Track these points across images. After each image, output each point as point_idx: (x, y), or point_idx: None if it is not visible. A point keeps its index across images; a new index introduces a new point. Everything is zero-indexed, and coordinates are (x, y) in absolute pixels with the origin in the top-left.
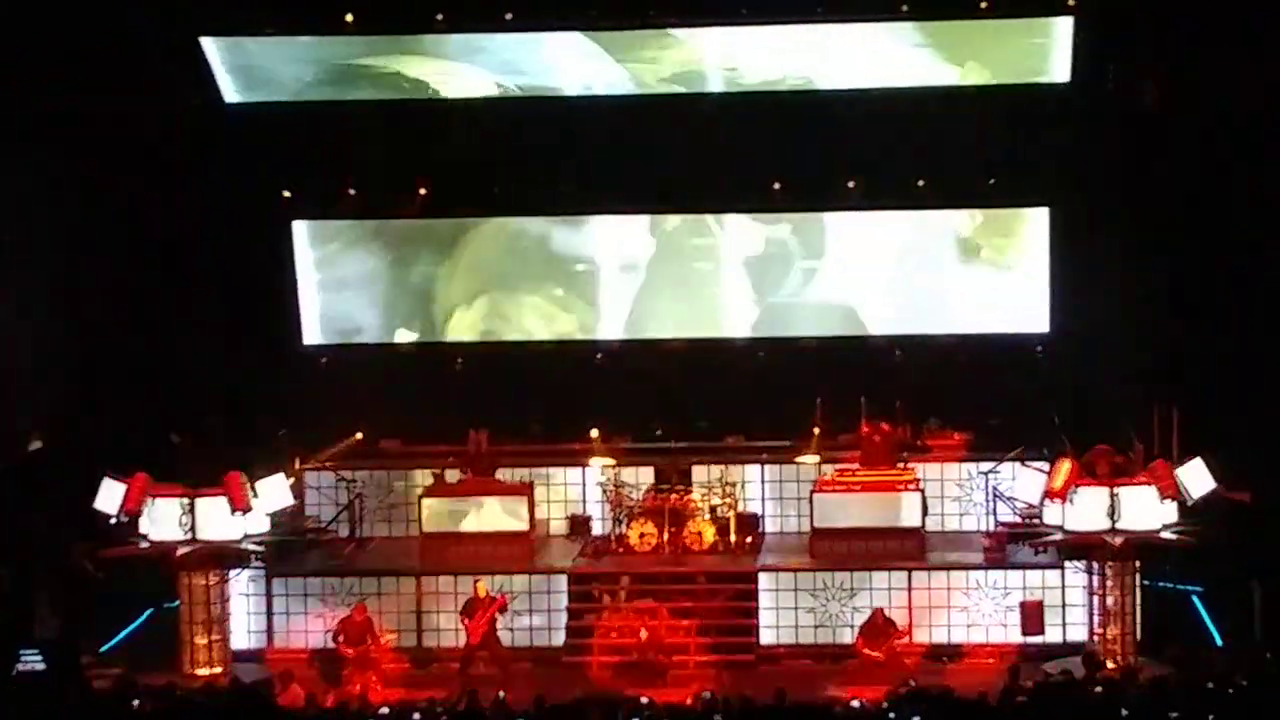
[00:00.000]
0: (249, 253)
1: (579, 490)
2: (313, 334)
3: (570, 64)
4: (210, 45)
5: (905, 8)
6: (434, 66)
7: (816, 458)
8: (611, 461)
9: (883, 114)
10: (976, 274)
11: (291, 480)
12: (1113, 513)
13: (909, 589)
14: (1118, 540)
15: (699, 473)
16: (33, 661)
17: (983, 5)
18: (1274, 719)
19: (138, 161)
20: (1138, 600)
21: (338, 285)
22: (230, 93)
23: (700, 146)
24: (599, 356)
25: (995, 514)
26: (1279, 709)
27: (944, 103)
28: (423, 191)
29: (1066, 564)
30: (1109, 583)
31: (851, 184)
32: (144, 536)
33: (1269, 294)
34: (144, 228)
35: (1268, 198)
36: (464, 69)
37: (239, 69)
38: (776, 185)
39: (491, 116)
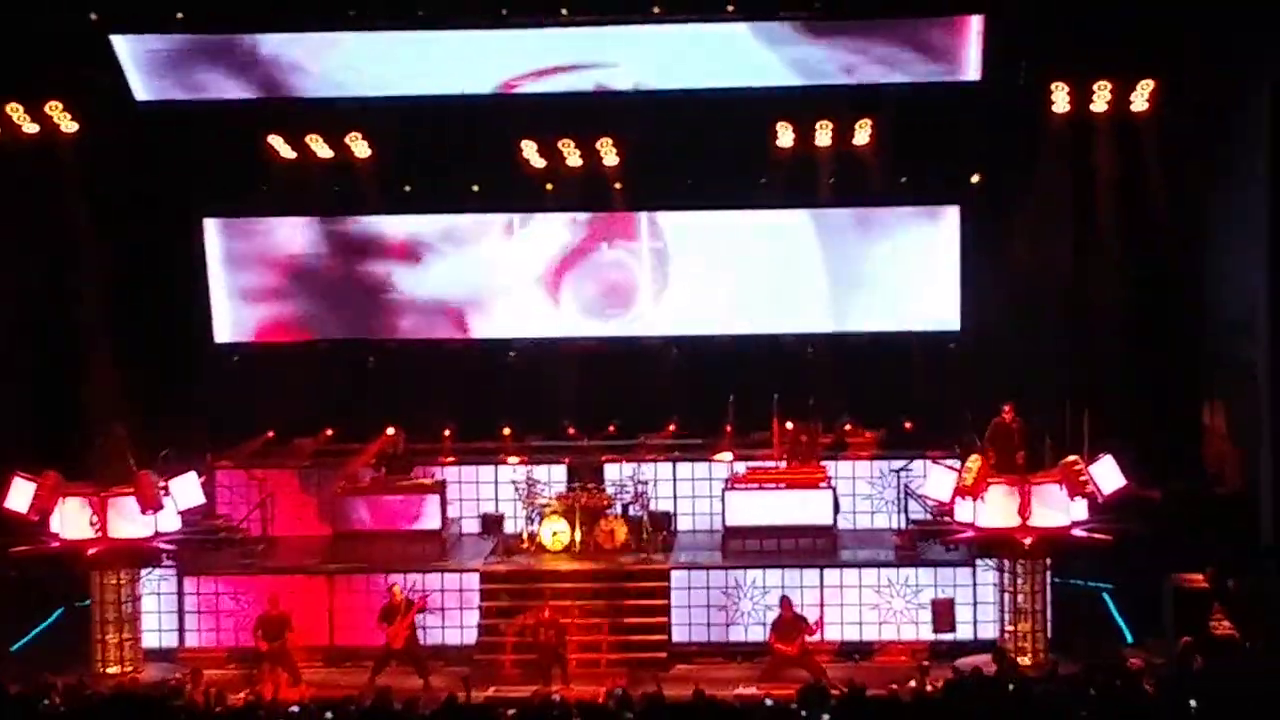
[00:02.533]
0: (160, 250)
1: (491, 489)
2: (224, 331)
3: (479, 61)
4: (121, 42)
5: (818, 5)
6: (344, 62)
7: (730, 455)
8: (518, 460)
9: (796, 113)
10: (889, 272)
11: (203, 479)
12: (1023, 510)
13: (821, 586)
14: (1028, 538)
15: (611, 471)
16: None
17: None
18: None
19: (49, 160)
20: (1048, 598)
21: (248, 283)
22: (140, 90)
23: (626, 146)
24: (512, 354)
25: (907, 512)
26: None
27: (854, 102)
28: (336, 189)
29: (977, 561)
30: (1019, 580)
31: (764, 180)
32: (55, 535)
33: (1180, 292)
34: (53, 225)
35: (1181, 195)
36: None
37: (150, 67)
38: (689, 181)
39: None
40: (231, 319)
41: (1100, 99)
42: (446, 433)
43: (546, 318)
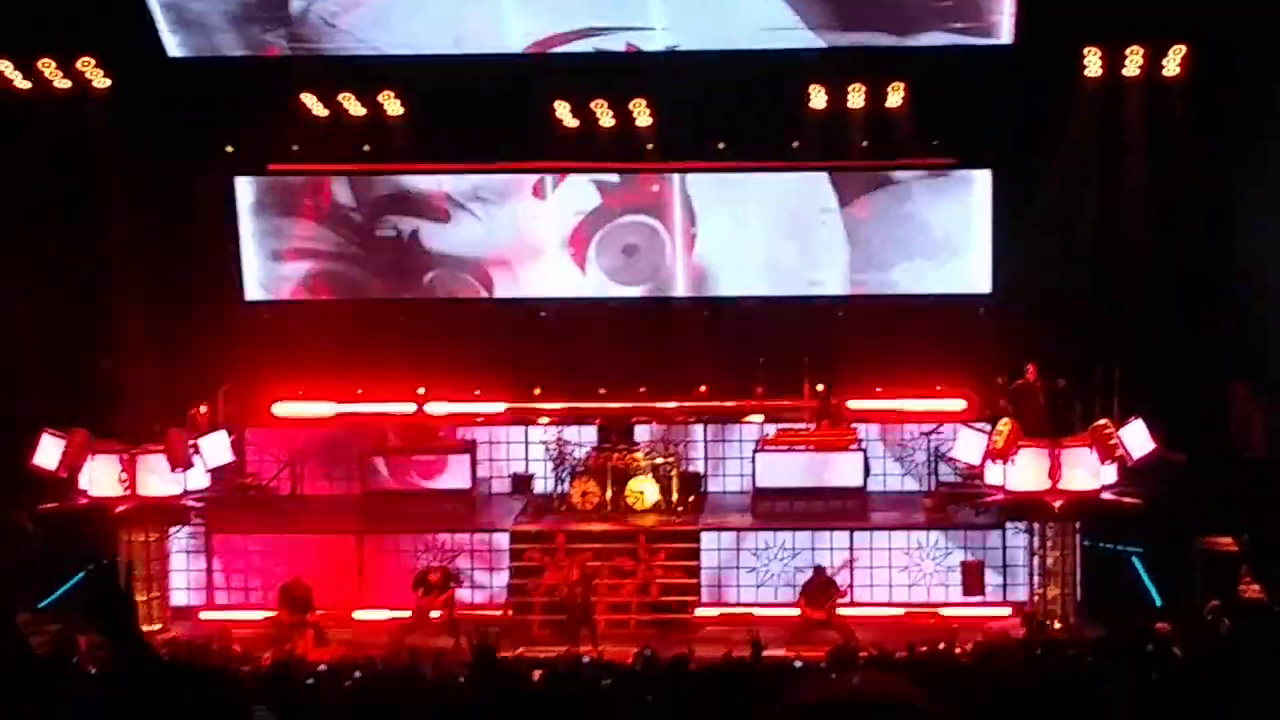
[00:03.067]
0: (191, 208)
1: (521, 449)
2: (254, 289)
3: (512, 19)
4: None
5: None
6: (376, 19)
7: (760, 416)
8: (548, 420)
9: (829, 75)
10: (920, 235)
11: (233, 437)
12: (1053, 474)
13: (850, 549)
14: (1058, 501)
15: (641, 432)
16: None
17: None
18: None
19: (81, 116)
20: (1078, 561)
21: (279, 241)
22: (172, 47)
23: (659, 107)
24: (542, 314)
25: (937, 475)
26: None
27: (887, 63)
28: (366, 148)
29: (1007, 525)
30: (1049, 544)
31: (796, 143)
32: (83, 492)
33: (1210, 257)
34: (84, 181)
35: (1212, 161)
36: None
37: (182, 22)
38: (721, 145)
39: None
40: (262, 277)
41: (1132, 64)
42: (476, 392)
43: (576, 279)
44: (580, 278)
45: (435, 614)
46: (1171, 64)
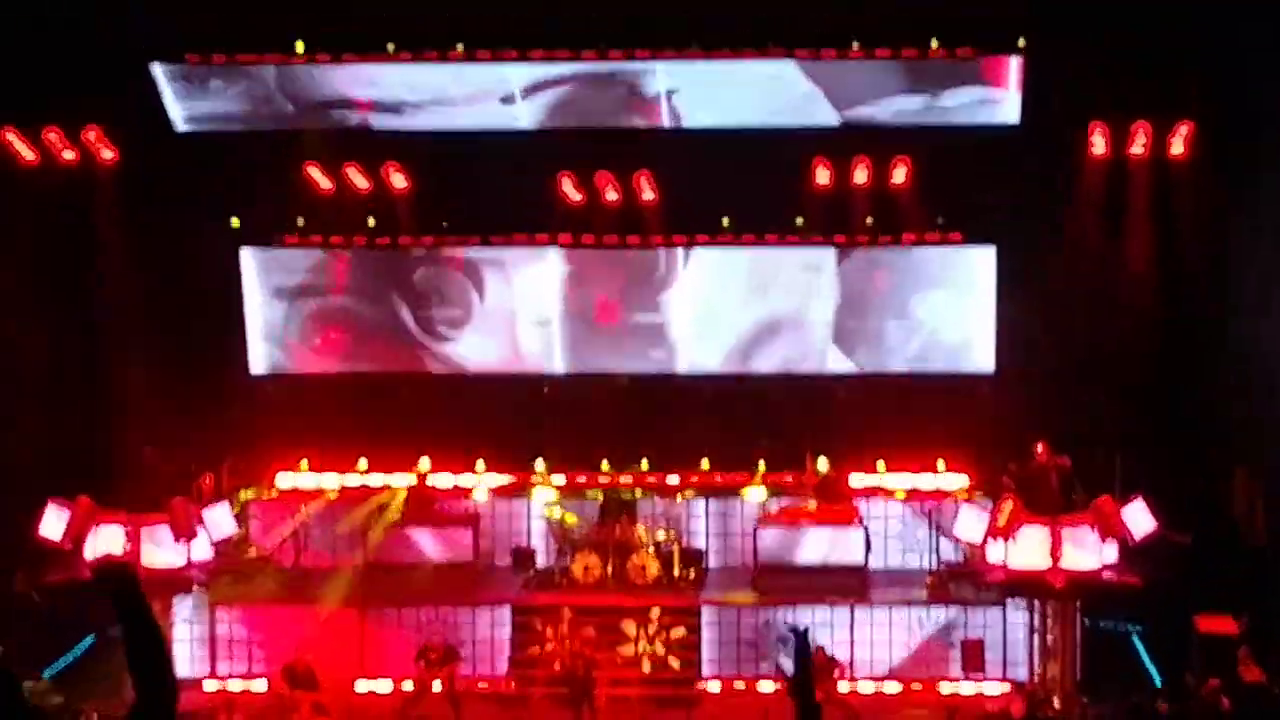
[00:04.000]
0: (197, 279)
1: (524, 521)
2: (259, 363)
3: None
4: (160, 72)
5: (856, 45)
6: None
7: (763, 492)
8: (554, 497)
9: (833, 151)
10: (924, 311)
11: (236, 509)
12: (1055, 552)
13: (851, 625)
14: (1060, 580)
15: (644, 506)
16: None
17: (933, 45)
18: None
19: (87, 187)
20: (1078, 639)
21: (286, 313)
22: (180, 121)
23: (663, 181)
24: (546, 388)
25: (938, 552)
26: None
27: (892, 141)
28: (371, 222)
29: (1008, 602)
30: (1050, 621)
31: (800, 219)
32: (88, 563)
33: (1215, 339)
34: (90, 252)
35: (1218, 242)
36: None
37: (189, 95)
38: (725, 220)
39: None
40: (267, 349)
41: (1138, 142)
42: (480, 464)
43: (581, 352)
44: (586, 350)
45: (437, 686)
46: (1177, 142)
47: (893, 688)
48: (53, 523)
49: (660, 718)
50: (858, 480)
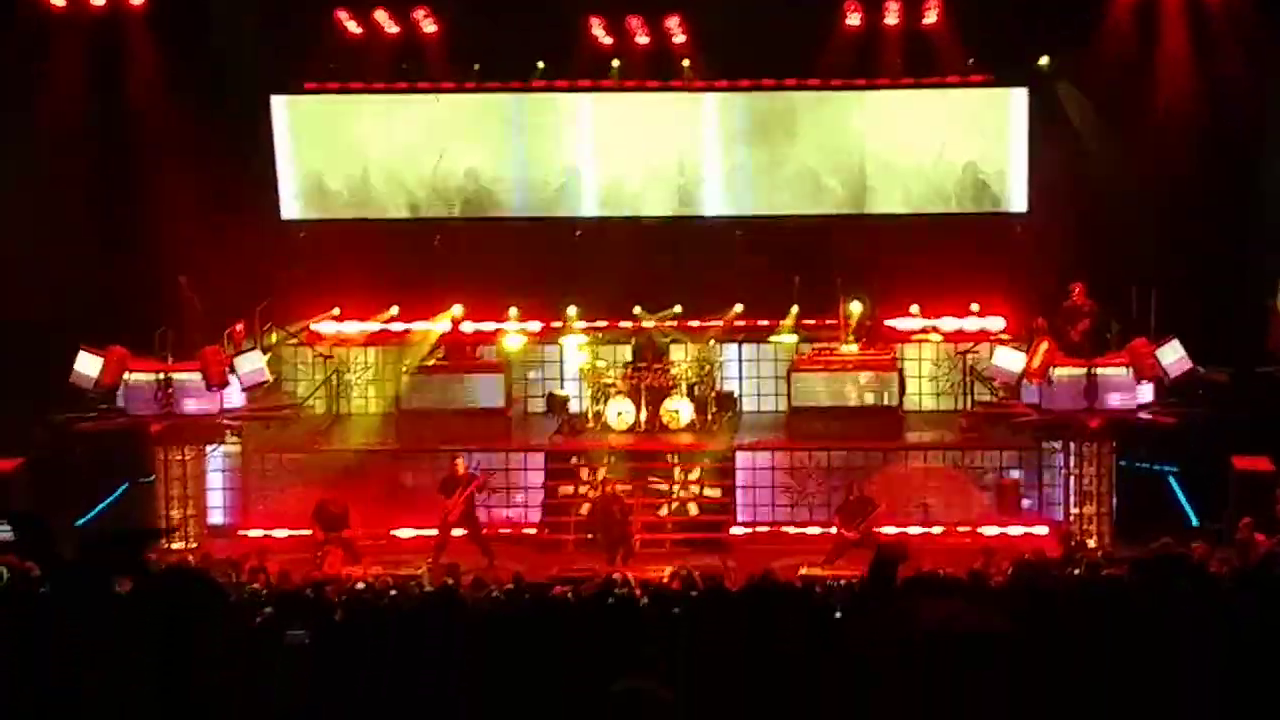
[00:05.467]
0: (227, 126)
1: (556, 368)
2: (290, 207)
3: None
4: None
5: None
6: None
7: (795, 336)
8: (585, 340)
9: None
10: (956, 153)
11: (269, 356)
12: (1090, 393)
13: (885, 468)
14: (1094, 420)
15: (676, 351)
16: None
17: None
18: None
19: (116, 34)
20: (1113, 481)
21: (315, 160)
22: None
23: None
24: (578, 233)
25: (972, 394)
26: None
27: None
28: (404, 66)
29: (1043, 444)
30: (1085, 463)
31: (832, 60)
32: (120, 410)
33: (1250, 174)
34: (120, 99)
35: (1253, 77)
36: None
37: None
38: (757, 62)
39: None
40: (298, 195)
41: None
42: (513, 310)
43: (611, 196)
44: (616, 194)
45: (458, 531)
46: None
47: (925, 530)
48: (85, 369)
49: (694, 561)
50: (892, 323)
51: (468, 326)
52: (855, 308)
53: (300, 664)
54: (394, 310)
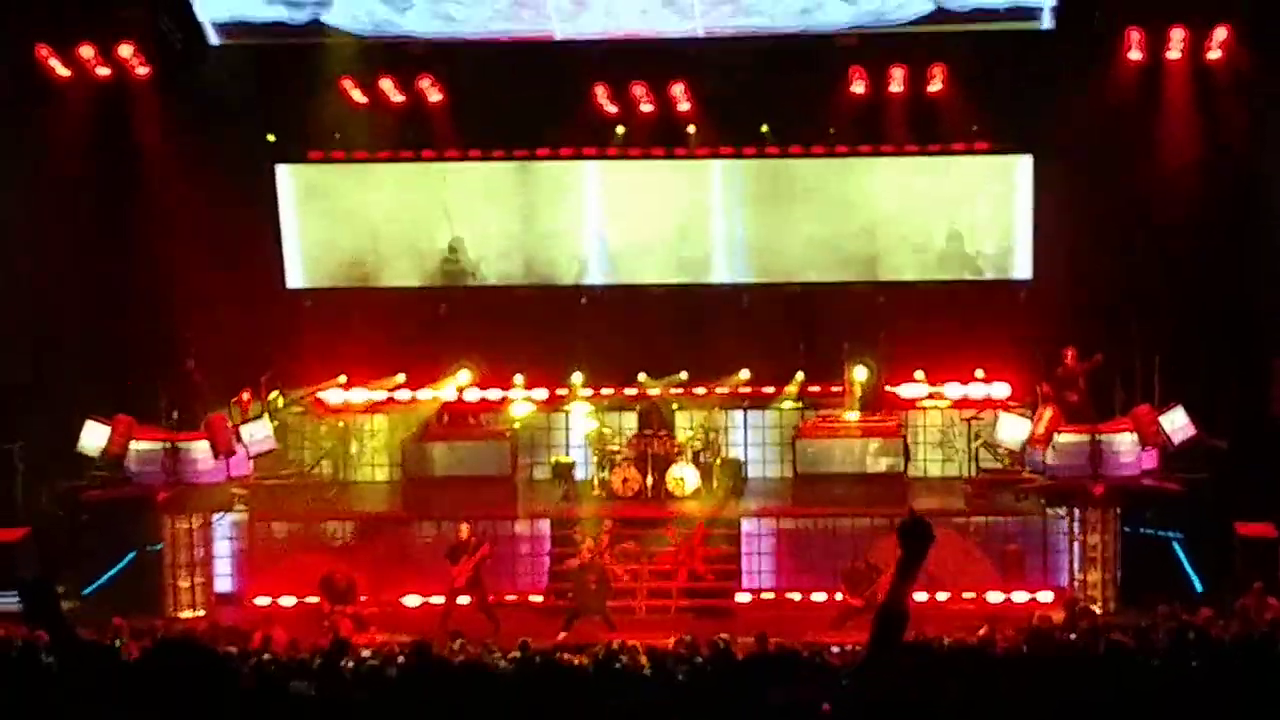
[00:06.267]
0: (232, 196)
1: (562, 435)
2: (296, 277)
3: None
4: None
5: None
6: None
7: (802, 402)
8: (590, 408)
9: (869, 59)
10: (961, 221)
11: (275, 424)
12: (1094, 459)
13: (890, 535)
14: (1099, 486)
15: (682, 418)
16: (8, 602)
17: None
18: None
19: (121, 104)
20: (1118, 547)
21: (321, 228)
22: (214, 35)
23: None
24: (584, 301)
25: (978, 460)
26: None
27: (927, 48)
28: (410, 135)
29: (1048, 510)
30: (1090, 529)
31: (832, 130)
32: (127, 479)
33: (1253, 243)
34: (125, 169)
35: (1253, 145)
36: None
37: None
38: (764, 128)
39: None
40: (303, 263)
41: (1175, 47)
42: (518, 378)
43: (617, 263)
44: (624, 264)
45: (464, 600)
46: (1214, 46)
47: (928, 597)
48: (92, 439)
49: (699, 628)
50: (897, 389)
51: (473, 393)
52: (860, 374)
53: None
54: (400, 378)
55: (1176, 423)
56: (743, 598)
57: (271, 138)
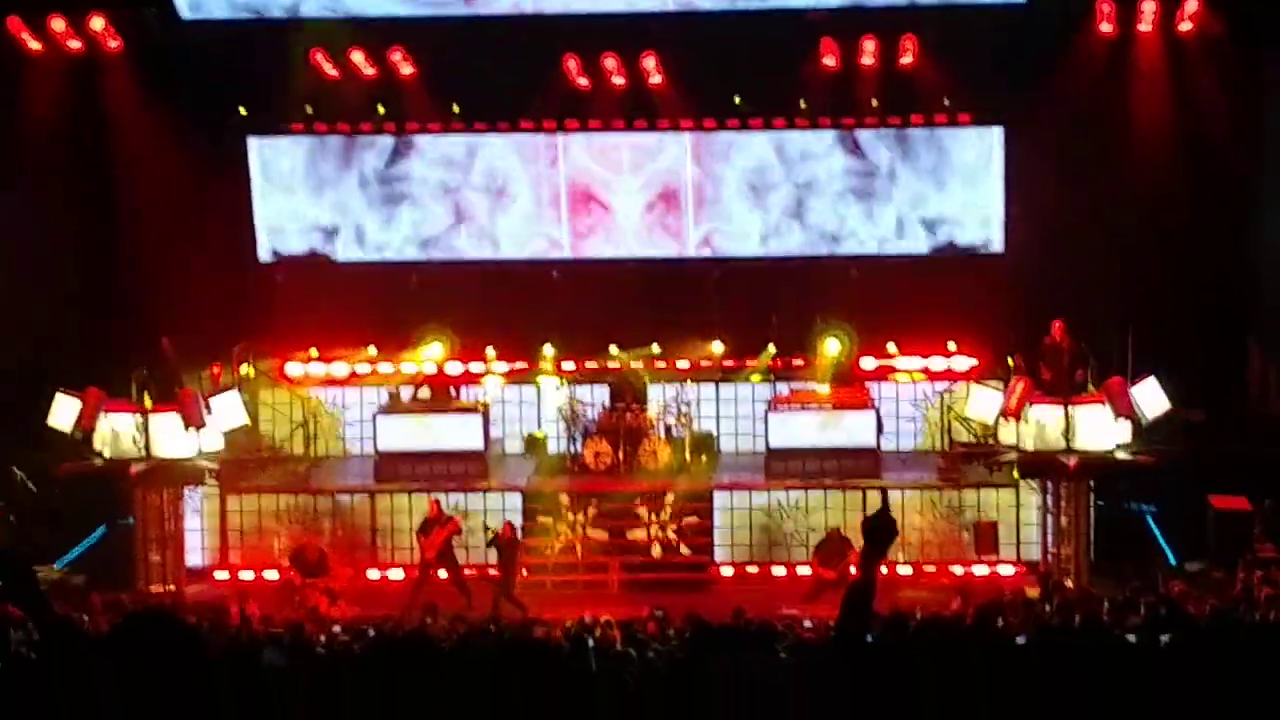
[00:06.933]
0: (204, 168)
1: (534, 409)
2: (267, 249)
3: None
4: None
5: None
6: None
7: (770, 375)
8: (559, 381)
9: (840, 31)
10: (932, 193)
11: (245, 397)
12: (1067, 432)
13: (864, 509)
14: (1072, 460)
15: (654, 391)
16: None
17: None
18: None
19: (93, 77)
20: (1091, 520)
21: (292, 201)
22: (185, 8)
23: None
24: (555, 274)
25: (950, 433)
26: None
27: (899, 21)
28: (381, 109)
29: (1021, 483)
30: (1063, 502)
31: (803, 102)
32: (98, 453)
33: (1227, 216)
34: (97, 142)
35: (1228, 119)
36: None
37: None
38: (736, 99)
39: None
40: (275, 236)
41: (1146, 19)
42: (490, 350)
43: (591, 237)
44: (595, 236)
45: (442, 574)
46: (1185, 18)
47: (906, 570)
48: (63, 412)
49: (672, 602)
50: (869, 363)
51: (450, 366)
52: (832, 347)
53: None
54: (371, 351)
55: (1149, 395)
56: (716, 572)
57: (243, 111)
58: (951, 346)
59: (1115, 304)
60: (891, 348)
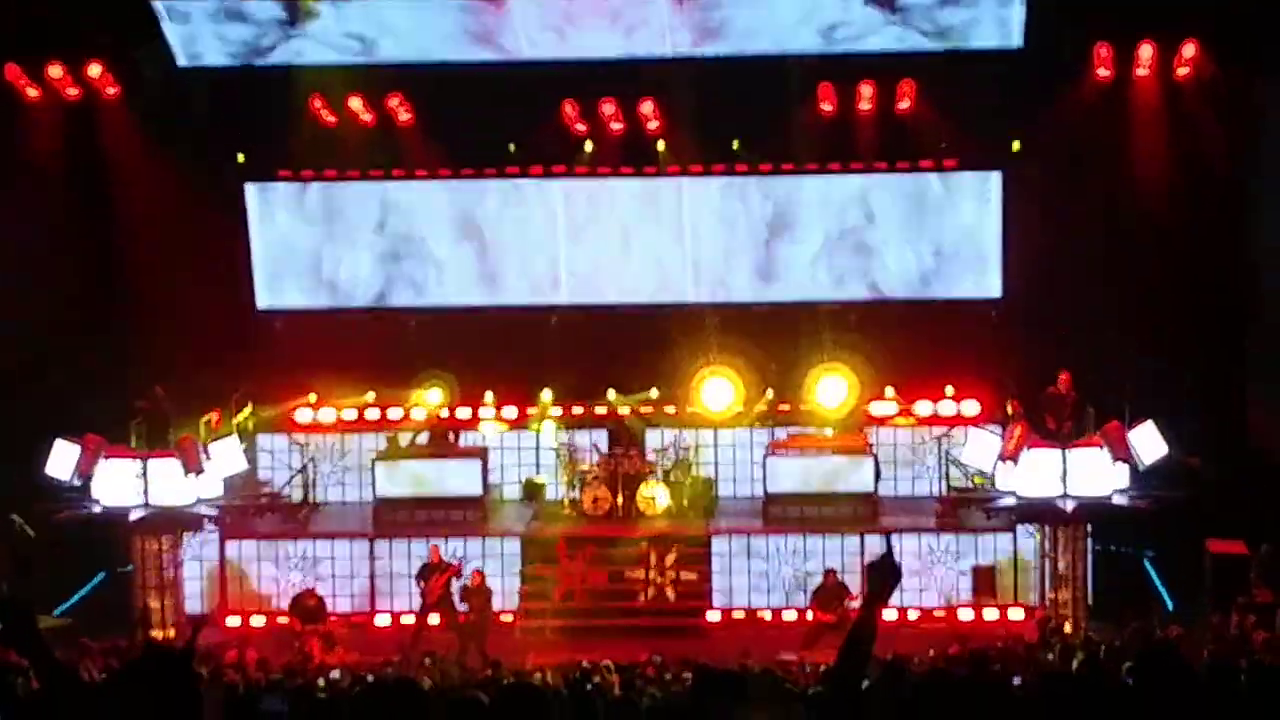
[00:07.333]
0: (202, 215)
1: (532, 454)
2: (266, 297)
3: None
4: (161, 8)
5: None
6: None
7: (768, 420)
8: (555, 427)
9: (838, 77)
10: (930, 238)
11: (244, 444)
12: (1064, 477)
13: (862, 554)
14: (1069, 505)
15: (653, 437)
16: None
17: None
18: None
19: (90, 123)
20: (1089, 564)
21: (290, 248)
22: (181, 56)
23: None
24: (553, 320)
25: (948, 478)
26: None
27: (896, 67)
28: (381, 155)
29: (1019, 528)
30: (1060, 547)
31: (804, 146)
32: (96, 500)
33: (1226, 261)
34: (94, 189)
35: (1226, 161)
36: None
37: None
38: (735, 144)
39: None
40: (274, 283)
41: (1143, 63)
42: (488, 396)
43: (589, 283)
44: (595, 282)
45: (435, 619)
46: (1183, 62)
47: (897, 615)
48: (61, 459)
49: (669, 647)
50: (867, 407)
51: (445, 413)
52: (837, 392)
53: None
54: (369, 397)
55: (1147, 440)
56: (713, 617)
57: (241, 157)
58: (949, 391)
59: (1113, 349)
60: (890, 392)
